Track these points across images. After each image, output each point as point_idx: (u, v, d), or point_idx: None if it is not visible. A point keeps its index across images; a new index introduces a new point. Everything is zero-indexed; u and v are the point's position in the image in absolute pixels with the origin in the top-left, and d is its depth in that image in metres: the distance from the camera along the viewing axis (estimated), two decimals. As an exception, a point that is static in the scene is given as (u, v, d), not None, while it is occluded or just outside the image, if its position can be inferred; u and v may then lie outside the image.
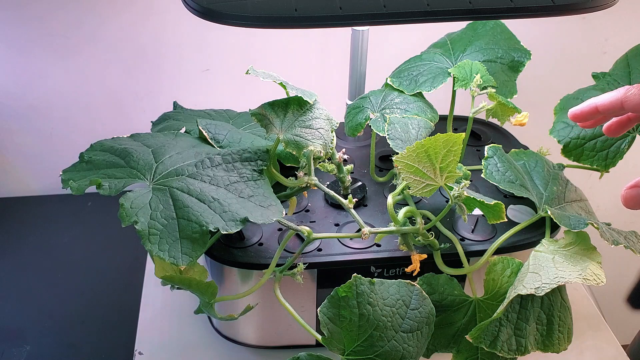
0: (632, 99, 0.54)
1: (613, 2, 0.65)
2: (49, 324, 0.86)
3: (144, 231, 0.53)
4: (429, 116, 0.71)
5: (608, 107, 0.56)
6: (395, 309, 0.57)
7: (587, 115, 0.59)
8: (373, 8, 0.60)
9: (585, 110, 0.59)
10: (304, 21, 0.59)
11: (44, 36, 0.96)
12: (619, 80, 0.74)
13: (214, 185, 0.58)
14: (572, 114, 0.60)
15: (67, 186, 0.56)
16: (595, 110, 0.58)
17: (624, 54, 0.76)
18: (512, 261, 0.61)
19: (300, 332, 0.73)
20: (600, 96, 0.57)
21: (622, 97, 0.55)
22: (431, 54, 0.78)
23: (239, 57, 1.02)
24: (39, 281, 0.92)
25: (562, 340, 0.60)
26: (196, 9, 0.60)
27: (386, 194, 0.73)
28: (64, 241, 1.00)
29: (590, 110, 0.58)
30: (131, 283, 0.89)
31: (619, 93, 0.55)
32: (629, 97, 0.54)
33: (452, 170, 0.57)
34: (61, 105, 1.03)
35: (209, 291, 0.60)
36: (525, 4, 0.62)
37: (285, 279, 0.64)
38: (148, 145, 0.63)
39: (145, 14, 0.96)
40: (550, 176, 0.69)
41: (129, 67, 1.01)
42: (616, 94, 0.55)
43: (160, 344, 0.78)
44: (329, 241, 0.67)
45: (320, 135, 0.64)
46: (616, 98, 0.55)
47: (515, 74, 0.76)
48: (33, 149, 1.07)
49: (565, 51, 1.08)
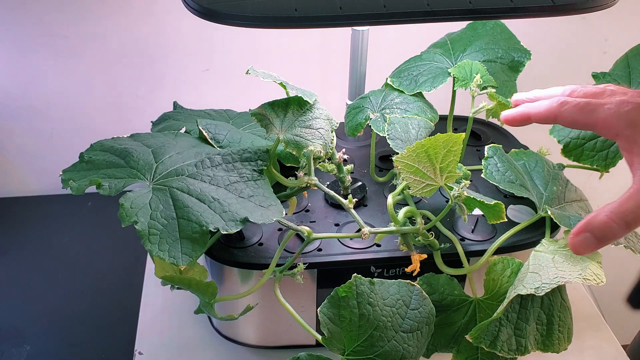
0: (565, 116, 0.52)
1: (613, 2, 0.65)
2: (49, 324, 0.86)
3: (144, 231, 0.53)
4: (429, 116, 0.71)
5: (541, 119, 0.55)
6: (395, 309, 0.57)
7: (519, 122, 0.58)
8: (373, 8, 0.60)
9: (518, 117, 0.58)
10: (304, 21, 0.59)
11: (44, 36, 0.96)
12: (619, 80, 0.74)
13: (214, 185, 0.58)
14: (504, 117, 0.59)
15: (67, 186, 0.56)
16: (528, 119, 0.57)
17: (624, 54, 0.76)
18: (512, 261, 0.61)
19: (300, 332, 0.72)
20: (536, 106, 0.55)
21: (556, 111, 0.53)
22: (431, 54, 0.78)
23: (239, 57, 1.02)
24: (39, 281, 0.92)
25: (562, 340, 0.60)
26: (196, 9, 0.60)
27: (386, 194, 0.73)
28: (64, 241, 1.00)
29: (522, 118, 0.57)
30: (131, 283, 0.89)
31: (552, 106, 0.53)
32: (563, 112, 0.52)
33: (452, 170, 0.57)
34: (61, 105, 1.03)
35: (209, 291, 0.60)
36: (525, 4, 0.62)
37: (285, 279, 0.64)
38: (148, 145, 0.63)
39: (145, 14, 0.96)
40: (550, 176, 0.69)
41: (129, 67, 1.01)
42: (550, 107, 0.53)
43: (160, 344, 0.78)
44: (329, 241, 0.67)
45: (320, 135, 0.64)
46: (551, 112, 0.53)
47: (515, 74, 0.76)
48: (33, 149, 1.07)
49: (565, 51, 1.08)
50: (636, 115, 0.47)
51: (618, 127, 0.48)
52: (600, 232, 0.46)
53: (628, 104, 0.48)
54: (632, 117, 0.47)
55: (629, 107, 0.48)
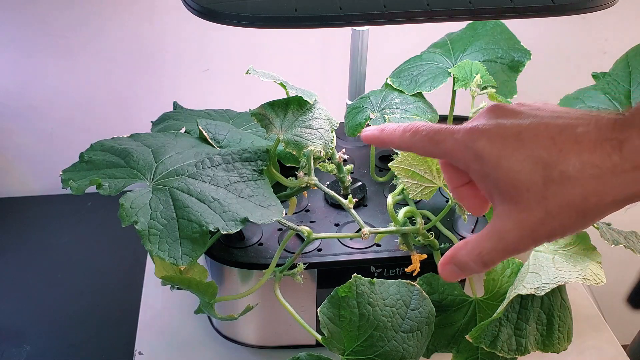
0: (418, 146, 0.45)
1: (613, 2, 0.65)
2: (49, 324, 0.86)
3: (144, 231, 0.53)
4: (428, 116, 0.71)
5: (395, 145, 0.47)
6: (395, 309, 0.57)
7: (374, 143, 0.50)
8: (373, 8, 0.60)
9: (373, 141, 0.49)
10: (304, 21, 0.59)
11: (44, 36, 0.96)
12: (619, 80, 0.74)
13: (214, 185, 0.58)
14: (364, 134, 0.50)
15: (67, 186, 0.56)
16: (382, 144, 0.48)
17: (624, 54, 0.76)
18: (512, 261, 0.61)
19: (300, 332, 0.72)
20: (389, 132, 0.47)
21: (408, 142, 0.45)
22: (431, 54, 0.78)
23: (239, 57, 1.02)
24: (39, 281, 0.92)
25: (562, 340, 0.60)
26: (196, 9, 0.60)
27: (386, 194, 0.73)
28: (64, 241, 1.00)
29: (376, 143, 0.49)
30: (131, 283, 0.89)
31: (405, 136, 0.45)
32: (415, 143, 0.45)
33: (452, 170, 0.57)
34: (61, 105, 1.03)
35: (209, 291, 0.60)
36: (525, 4, 0.62)
37: (285, 279, 0.64)
38: (148, 145, 0.63)
39: (145, 14, 0.96)
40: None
41: (129, 67, 1.01)
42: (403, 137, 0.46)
43: (160, 344, 0.78)
44: (329, 241, 0.67)
45: (320, 135, 0.64)
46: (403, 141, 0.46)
47: (515, 74, 0.76)
48: (33, 149, 1.07)
49: (565, 51, 1.08)
50: (484, 146, 0.39)
51: (466, 159, 0.41)
52: (462, 267, 0.42)
53: (477, 132, 0.40)
54: (478, 149, 0.40)
55: (476, 136, 0.40)
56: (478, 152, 0.40)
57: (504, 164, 0.38)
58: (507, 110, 0.41)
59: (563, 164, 0.36)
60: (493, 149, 0.39)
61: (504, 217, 0.39)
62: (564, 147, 0.37)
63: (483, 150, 0.39)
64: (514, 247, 0.39)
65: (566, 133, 0.37)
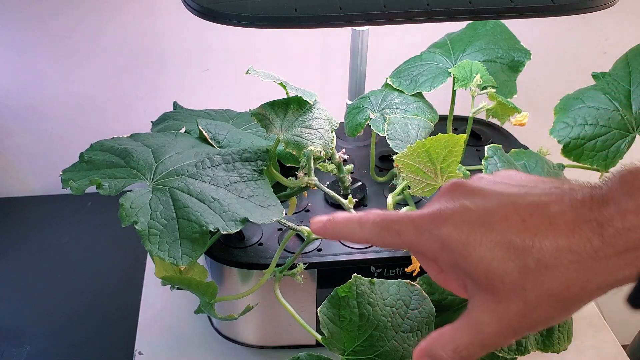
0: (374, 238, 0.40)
1: (613, 2, 0.65)
2: (49, 324, 0.86)
3: (144, 231, 0.53)
4: (429, 116, 0.71)
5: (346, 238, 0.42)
6: (395, 309, 0.57)
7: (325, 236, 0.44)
8: (373, 8, 0.60)
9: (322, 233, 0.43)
10: (304, 21, 0.59)
11: (44, 36, 0.96)
12: (619, 80, 0.74)
13: (214, 185, 0.58)
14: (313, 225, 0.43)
15: (67, 186, 0.56)
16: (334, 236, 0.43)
17: (624, 54, 0.76)
18: (512, 261, 0.61)
19: (300, 332, 0.72)
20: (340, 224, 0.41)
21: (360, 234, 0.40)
22: (431, 54, 0.78)
23: (239, 57, 1.02)
24: (39, 281, 0.92)
25: (562, 340, 0.60)
26: (196, 9, 0.60)
27: (386, 194, 0.73)
28: (64, 241, 1.00)
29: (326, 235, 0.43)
30: (131, 283, 0.89)
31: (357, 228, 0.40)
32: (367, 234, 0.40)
33: (452, 171, 0.57)
34: (61, 105, 1.03)
35: (209, 291, 0.60)
36: (525, 4, 0.62)
37: (285, 279, 0.64)
38: (148, 145, 0.63)
39: (145, 14, 0.96)
40: (550, 176, 0.69)
41: (129, 67, 1.01)
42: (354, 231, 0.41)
43: (160, 344, 0.78)
44: (329, 241, 0.67)
45: (320, 135, 0.64)
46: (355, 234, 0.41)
47: (515, 74, 0.76)
48: (33, 149, 1.07)
49: (565, 51, 1.08)
50: (449, 233, 0.35)
51: (432, 249, 0.37)
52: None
53: (440, 219, 0.36)
54: (444, 237, 0.36)
55: (440, 223, 0.36)
56: (444, 241, 0.36)
57: (473, 253, 0.35)
58: (469, 189, 0.37)
59: (539, 251, 0.33)
60: (460, 236, 0.35)
61: (481, 307, 0.35)
62: (537, 230, 0.33)
63: (449, 238, 0.35)
64: (493, 341, 0.35)
65: (538, 214, 0.34)
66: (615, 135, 0.70)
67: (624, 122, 0.71)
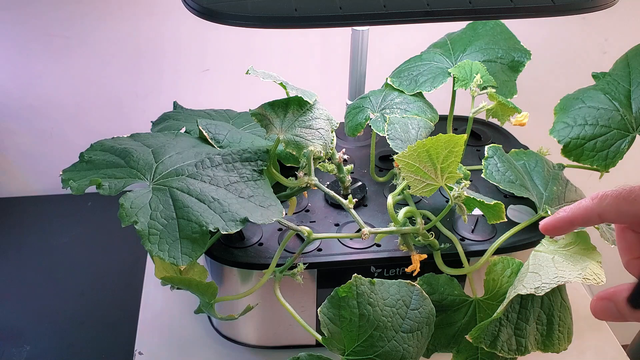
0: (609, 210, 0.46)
1: (613, 2, 0.65)
2: (49, 324, 0.86)
3: (144, 231, 0.53)
4: (429, 116, 0.71)
5: (584, 220, 0.48)
6: (395, 309, 0.57)
7: (562, 230, 0.51)
8: (373, 8, 0.60)
9: (559, 224, 0.51)
10: (304, 21, 0.59)
11: (44, 36, 0.96)
12: (619, 80, 0.74)
13: (214, 185, 0.58)
14: (544, 226, 0.52)
15: (67, 186, 0.56)
16: (570, 224, 0.50)
17: (624, 54, 0.76)
18: (512, 261, 0.61)
19: (300, 332, 0.72)
20: (572, 208, 0.49)
21: (597, 209, 0.47)
22: (431, 54, 0.78)
23: (239, 57, 1.02)
24: (39, 281, 0.92)
25: (562, 340, 0.60)
26: (196, 9, 0.60)
27: (386, 194, 0.73)
28: (64, 241, 1.00)
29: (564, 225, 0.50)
30: (131, 283, 0.89)
31: (592, 204, 0.47)
32: (605, 207, 0.46)
33: (452, 171, 0.57)
34: (61, 105, 1.03)
35: (209, 291, 0.60)
36: (525, 4, 0.62)
37: (285, 279, 0.64)
38: (148, 145, 0.63)
39: (145, 14, 0.96)
40: (550, 176, 0.69)
41: (129, 67, 1.01)
42: (590, 205, 0.47)
43: (160, 344, 0.78)
44: (329, 241, 0.67)
45: (321, 136, 0.64)
46: (591, 210, 0.47)
47: (515, 74, 0.76)
48: (33, 149, 1.07)
49: (565, 51, 1.08)
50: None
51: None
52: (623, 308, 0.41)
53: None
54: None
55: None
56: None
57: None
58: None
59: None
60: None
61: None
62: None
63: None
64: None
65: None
66: (615, 135, 0.70)
67: (624, 122, 0.71)
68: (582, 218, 0.47)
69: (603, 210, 0.45)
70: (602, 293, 0.42)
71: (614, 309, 0.42)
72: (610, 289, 0.42)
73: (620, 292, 0.41)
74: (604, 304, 0.42)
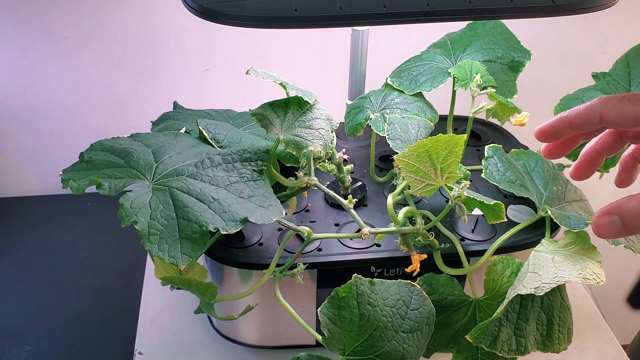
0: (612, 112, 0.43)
1: (613, 2, 0.65)
2: (49, 324, 0.86)
3: (143, 231, 0.53)
4: (429, 116, 0.71)
5: (585, 119, 0.45)
6: (395, 309, 0.57)
7: (558, 133, 0.48)
8: (373, 8, 0.60)
9: (557, 126, 0.47)
10: (304, 21, 0.59)
11: (44, 36, 0.96)
12: (619, 80, 0.74)
13: (214, 185, 0.58)
14: (540, 129, 0.49)
15: (67, 186, 0.56)
16: (569, 125, 0.46)
17: (624, 54, 0.76)
18: (512, 261, 0.61)
19: (300, 332, 0.72)
20: (574, 108, 0.46)
21: (600, 108, 0.44)
22: (431, 54, 0.78)
23: (239, 57, 1.02)
24: (39, 281, 0.92)
25: (562, 340, 0.60)
26: (196, 9, 0.60)
27: (386, 194, 0.73)
28: (64, 241, 1.00)
29: (562, 125, 0.47)
30: (131, 283, 0.89)
31: (595, 102, 0.45)
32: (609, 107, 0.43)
33: (452, 171, 0.57)
34: (61, 105, 1.03)
35: (209, 291, 0.60)
36: (525, 4, 0.62)
37: (285, 279, 0.64)
38: (148, 145, 0.63)
39: (145, 14, 0.96)
40: (550, 176, 0.69)
41: (129, 67, 1.01)
42: (593, 104, 0.45)
43: (160, 344, 0.78)
44: (329, 241, 0.67)
45: (321, 136, 0.64)
46: (592, 109, 0.44)
47: (515, 74, 0.76)
48: (33, 149, 1.07)
49: (565, 51, 1.08)
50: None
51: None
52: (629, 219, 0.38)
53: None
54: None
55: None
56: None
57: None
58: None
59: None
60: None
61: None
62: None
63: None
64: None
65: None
66: (615, 135, 0.70)
67: (624, 122, 0.71)
68: (583, 117, 0.45)
69: (606, 109, 0.43)
70: (604, 209, 0.40)
71: (618, 222, 0.39)
72: (612, 203, 0.40)
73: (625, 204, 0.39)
74: (608, 219, 0.40)
